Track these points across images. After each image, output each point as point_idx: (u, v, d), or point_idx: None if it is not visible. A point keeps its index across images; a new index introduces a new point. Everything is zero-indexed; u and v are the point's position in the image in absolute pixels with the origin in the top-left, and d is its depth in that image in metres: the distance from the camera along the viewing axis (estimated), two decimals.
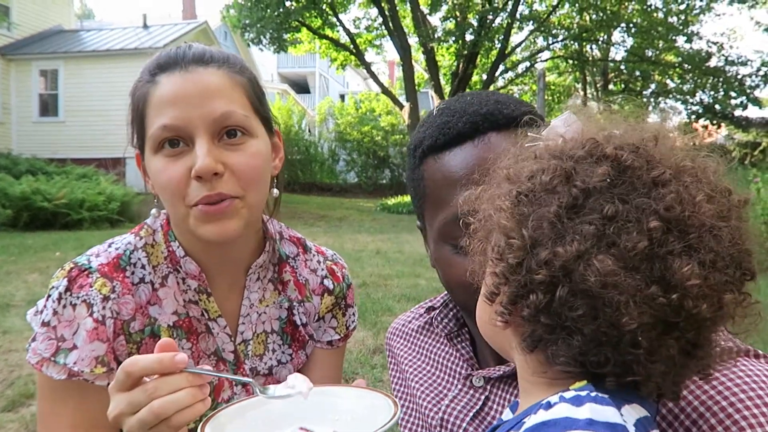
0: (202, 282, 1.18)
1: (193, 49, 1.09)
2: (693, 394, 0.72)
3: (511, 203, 0.63)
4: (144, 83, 1.08)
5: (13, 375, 4.01)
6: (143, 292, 1.14)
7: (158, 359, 0.83)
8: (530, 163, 0.66)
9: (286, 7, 18.58)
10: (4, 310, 5.59)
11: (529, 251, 0.60)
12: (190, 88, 1.04)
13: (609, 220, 0.57)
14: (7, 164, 15.14)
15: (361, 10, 21.53)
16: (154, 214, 1.19)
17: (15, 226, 11.99)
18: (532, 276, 0.59)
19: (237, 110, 1.06)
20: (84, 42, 20.10)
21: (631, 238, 0.56)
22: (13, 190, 12.30)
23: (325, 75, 39.10)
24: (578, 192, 0.59)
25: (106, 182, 14.79)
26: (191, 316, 1.18)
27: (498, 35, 19.15)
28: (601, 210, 0.58)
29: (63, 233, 11.65)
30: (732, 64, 20.68)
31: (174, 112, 1.03)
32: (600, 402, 0.56)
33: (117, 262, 1.13)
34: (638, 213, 0.57)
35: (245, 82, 1.11)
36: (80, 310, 1.07)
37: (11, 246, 9.49)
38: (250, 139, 1.08)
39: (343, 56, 21.50)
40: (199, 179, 1.02)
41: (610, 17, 19.26)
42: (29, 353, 1.07)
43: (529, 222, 0.61)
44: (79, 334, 1.06)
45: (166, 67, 1.07)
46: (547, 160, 0.65)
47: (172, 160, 1.04)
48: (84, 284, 1.08)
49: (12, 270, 7.50)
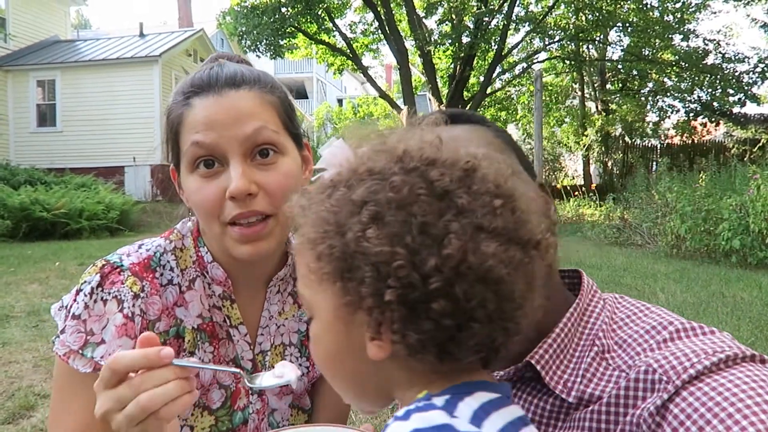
0: (227, 288, 1.20)
1: (225, 71, 1.12)
2: (699, 400, 0.71)
3: (375, 228, 0.60)
4: (179, 105, 1.12)
5: (13, 387, 3.99)
6: (170, 293, 1.16)
7: (144, 354, 0.83)
8: (363, 187, 0.63)
9: (281, 14, 18.61)
10: (3, 321, 5.58)
11: (412, 266, 0.59)
12: (223, 111, 1.07)
13: (467, 211, 0.61)
14: (6, 175, 15.14)
15: (357, 15, 21.57)
16: (189, 225, 1.23)
17: (14, 237, 11.98)
18: (427, 287, 0.59)
19: (268, 127, 1.10)
20: (81, 52, 20.14)
21: (495, 220, 0.61)
22: (11, 200, 12.29)
23: (322, 80, 39.17)
24: (440, 192, 0.61)
25: (105, 191, 14.81)
26: (215, 321, 1.20)
27: (494, 37, 19.18)
28: (458, 205, 0.61)
29: (62, 243, 11.65)
30: (729, 62, 20.70)
31: (207, 133, 1.07)
32: (425, 409, 0.59)
33: (147, 263, 1.16)
34: (480, 199, 0.62)
35: (276, 101, 1.14)
36: (111, 305, 1.09)
37: (11, 257, 9.48)
38: (282, 157, 1.12)
39: (340, 61, 21.54)
40: (233, 199, 1.06)
41: (606, 17, 19.29)
42: (56, 345, 1.09)
43: (403, 239, 0.60)
44: (108, 329, 1.08)
45: (199, 90, 1.10)
46: (380, 179, 0.63)
47: (207, 180, 1.08)
48: (116, 281, 1.11)
49: (11, 281, 7.49)
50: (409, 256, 0.59)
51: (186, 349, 1.15)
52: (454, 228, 0.59)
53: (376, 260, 0.60)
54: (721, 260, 8.78)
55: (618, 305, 0.96)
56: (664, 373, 0.76)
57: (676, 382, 0.74)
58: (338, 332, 0.67)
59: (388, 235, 0.60)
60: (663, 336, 0.84)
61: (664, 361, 0.78)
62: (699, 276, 7.61)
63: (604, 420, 0.80)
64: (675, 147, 22.49)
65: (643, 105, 24.05)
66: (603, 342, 0.89)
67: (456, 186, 0.62)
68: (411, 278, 0.59)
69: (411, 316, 0.60)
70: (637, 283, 7.22)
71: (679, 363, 0.76)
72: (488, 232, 0.60)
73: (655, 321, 0.87)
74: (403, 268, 0.59)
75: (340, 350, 0.68)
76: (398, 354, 0.63)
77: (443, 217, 0.60)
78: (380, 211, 0.61)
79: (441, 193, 0.61)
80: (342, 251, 0.62)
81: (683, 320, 0.87)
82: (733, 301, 6.15)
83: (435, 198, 0.61)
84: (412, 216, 0.60)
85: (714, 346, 0.78)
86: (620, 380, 0.81)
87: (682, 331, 0.84)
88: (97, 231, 13.11)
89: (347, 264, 0.62)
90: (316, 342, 0.71)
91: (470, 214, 0.61)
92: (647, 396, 0.77)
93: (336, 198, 0.65)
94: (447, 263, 0.58)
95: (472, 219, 0.60)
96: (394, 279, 0.59)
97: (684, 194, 10.00)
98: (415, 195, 0.61)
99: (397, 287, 0.59)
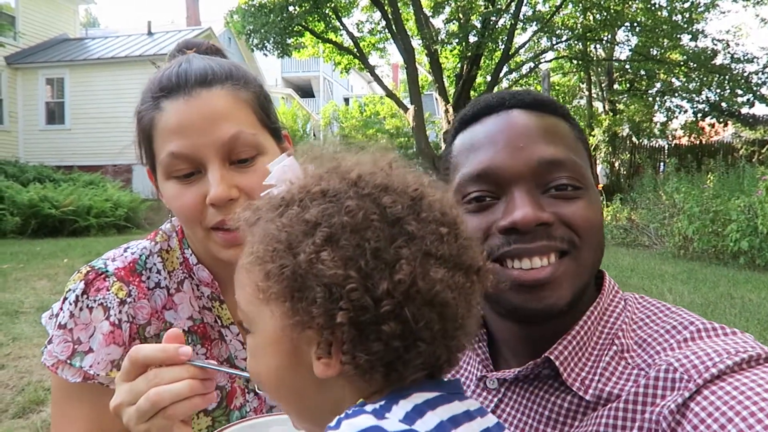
0: (214, 289, 1.18)
1: (194, 69, 1.06)
2: (721, 399, 0.71)
3: (329, 250, 0.61)
4: (149, 109, 1.06)
5: (23, 381, 4.02)
6: (159, 296, 1.14)
7: (162, 348, 0.83)
8: (317, 208, 0.64)
9: (289, 12, 18.61)
10: (13, 317, 5.62)
11: (365, 290, 0.60)
12: (195, 114, 1.02)
13: (417, 237, 0.63)
14: (15, 172, 15.23)
15: (364, 14, 21.54)
16: (167, 228, 1.20)
17: (23, 234, 12.06)
18: (378, 310, 0.60)
19: (245, 130, 1.05)
20: (89, 50, 20.22)
21: (442, 247, 0.64)
22: (20, 197, 12.37)
23: (329, 79, 39.17)
24: (392, 219, 0.63)
25: (113, 189, 14.88)
26: (205, 322, 1.18)
27: (501, 37, 19.11)
28: (408, 232, 0.63)
29: (71, 240, 11.71)
30: (738, 62, 20.54)
31: (182, 141, 1.02)
32: (354, 414, 0.60)
33: (133, 266, 1.13)
34: (428, 226, 0.64)
35: (250, 97, 1.09)
36: (97, 313, 1.07)
37: (20, 253, 9.54)
38: (261, 156, 1.08)
39: (347, 60, 21.52)
40: (214, 206, 1.03)
41: (614, 17, 19.19)
42: (45, 356, 1.07)
43: (357, 262, 0.61)
44: (95, 338, 1.06)
45: (168, 91, 1.04)
46: (335, 202, 0.64)
47: (185, 186, 1.05)
48: (101, 287, 1.08)
49: (21, 277, 7.54)
50: (361, 280, 0.60)
51: None
52: (404, 254, 0.61)
53: (329, 282, 0.61)
54: (729, 261, 8.73)
55: (638, 305, 0.95)
56: (685, 372, 0.76)
57: (697, 380, 0.74)
58: (282, 350, 0.67)
59: (342, 258, 0.61)
60: (684, 336, 0.84)
61: (685, 360, 0.78)
62: (707, 277, 7.57)
63: (621, 417, 0.80)
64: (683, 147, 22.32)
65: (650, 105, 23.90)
66: (622, 341, 0.88)
67: (406, 213, 0.64)
68: (363, 301, 0.60)
69: (361, 337, 0.61)
70: (644, 284, 7.19)
71: (700, 362, 0.76)
72: (436, 258, 0.63)
73: (675, 321, 0.87)
74: (355, 291, 0.60)
75: (282, 366, 0.69)
76: (346, 373, 0.64)
77: (394, 242, 0.62)
78: (334, 233, 0.62)
79: (393, 220, 0.63)
80: (293, 271, 0.62)
81: (704, 321, 0.86)
82: (741, 302, 6.11)
83: (387, 224, 0.63)
84: (365, 241, 0.61)
85: (736, 346, 0.78)
86: (639, 378, 0.81)
87: (703, 331, 0.84)
88: (104, 228, 13.17)
89: (298, 284, 0.62)
90: (255, 357, 0.72)
91: (419, 240, 0.63)
92: (667, 394, 0.77)
93: (288, 216, 0.65)
94: (398, 287, 0.60)
95: (421, 246, 0.63)
96: (346, 301, 0.60)
97: (692, 195, 9.94)
98: (368, 220, 0.62)
99: (349, 309, 0.60)
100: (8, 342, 4.84)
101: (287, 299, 0.63)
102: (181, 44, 1.20)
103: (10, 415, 3.52)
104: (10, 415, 3.53)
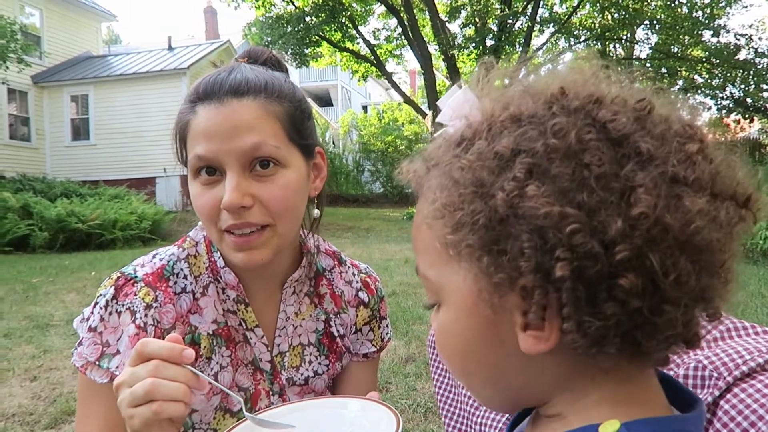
0: (240, 292, 1.21)
1: (231, 79, 1.10)
2: (752, 397, 0.70)
3: (536, 184, 0.48)
4: (186, 112, 1.13)
5: (54, 393, 4.09)
6: (184, 301, 1.17)
7: (170, 346, 0.88)
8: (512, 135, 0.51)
9: (306, 23, 18.81)
10: (44, 329, 5.73)
11: (590, 231, 0.46)
12: (222, 122, 1.06)
13: (656, 158, 0.48)
14: (43, 188, 15.61)
15: (381, 21, 21.71)
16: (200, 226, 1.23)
17: (52, 248, 12.33)
18: (611, 258, 0.46)
19: (268, 142, 1.07)
20: (112, 66, 20.65)
21: (693, 169, 0.48)
22: (48, 213, 12.66)
23: (347, 87, 39.39)
24: (617, 137, 0.49)
25: (138, 202, 15.13)
26: (230, 325, 1.21)
27: (519, 39, 19.06)
28: (642, 152, 0.48)
29: (97, 253, 11.93)
30: (762, 56, 20.13)
31: (207, 145, 1.07)
32: None
33: (161, 272, 1.17)
34: (668, 144, 0.49)
35: (280, 111, 1.11)
36: (125, 317, 1.11)
37: (49, 267, 9.75)
38: (282, 169, 1.10)
39: (364, 68, 21.63)
40: (227, 210, 1.07)
41: (633, 15, 19.00)
42: (74, 357, 1.12)
43: (575, 196, 0.47)
44: (122, 340, 1.10)
45: (204, 96, 1.10)
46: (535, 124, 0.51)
47: (206, 187, 1.09)
48: (129, 293, 1.13)
49: (51, 290, 7.70)
50: (585, 218, 0.46)
51: (203, 355, 1.16)
52: (641, 180, 0.47)
53: (539, 225, 0.47)
54: (759, 260, 8.54)
55: None
56: (714, 369, 0.75)
57: (727, 378, 0.73)
58: (479, 320, 0.54)
59: (554, 192, 0.47)
60: (713, 335, 0.83)
61: (714, 358, 0.77)
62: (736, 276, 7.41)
63: None
64: None
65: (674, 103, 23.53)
66: None
67: (634, 128, 0.49)
68: (589, 246, 0.46)
69: (588, 296, 0.47)
70: None
71: (730, 360, 0.75)
72: (688, 184, 0.48)
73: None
74: (578, 234, 0.46)
75: (479, 341, 0.55)
76: (564, 347, 0.50)
77: (624, 166, 0.47)
78: (540, 162, 0.48)
79: (618, 138, 0.49)
80: (489, 217, 0.49)
81: (734, 319, 0.85)
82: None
83: (611, 143, 0.49)
84: (584, 167, 0.47)
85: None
86: None
87: (733, 330, 0.83)
88: (130, 241, 13.40)
89: (497, 233, 0.49)
90: (444, 332, 0.58)
91: (660, 162, 0.48)
92: (697, 392, 0.76)
93: (474, 152, 0.52)
94: (638, 226, 0.46)
95: (665, 169, 0.48)
96: (565, 249, 0.46)
97: None
98: (584, 140, 0.48)
99: (570, 259, 0.46)
100: (39, 354, 4.94)
101: (484, 254, 0.50)
102: (244, 53, 1.26)
103: (43, 426, 3.59)
104: (42, 426, 3.60)
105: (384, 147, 26.24)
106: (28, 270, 9.50)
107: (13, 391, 4.14)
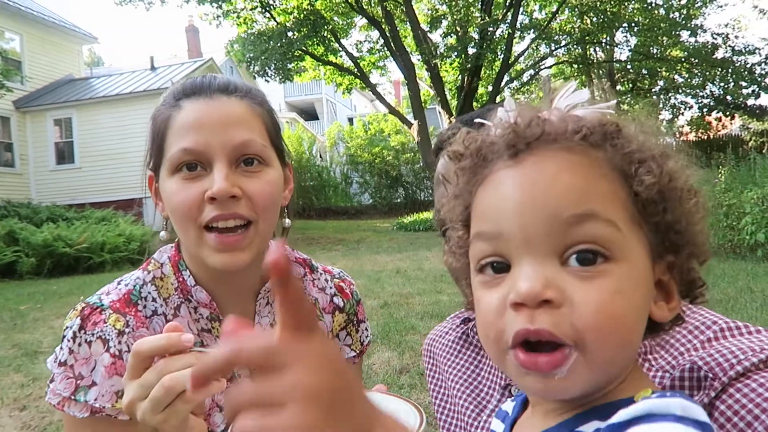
0: (213, 310, 1.18)
1: (218, 80, 1.14)
2: (747, 396, 0.70)
3: None
4: (167, 107, 1.12)
5: (44, 421, 4.02)
6: (158, 324, 1.14)
7: (166, 337, 0.84)
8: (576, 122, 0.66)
9: (288, 38, 18.87)
10: (32, 357, 5.64)
11: None
12: (213, 114, 1.07)
13: None
14: (28, 213, 15.43)
15: (363, 34, 21.82)
16: (163, 237, 1.21)
17: (39, 274, 12.16)
18: None
19: (256, 139, 1.09)
20: (95, 89, 20.57)
21: None
22: (35, 238, 12.50)
23: (332, 100, 39.50)
24: None
25: (125, 223, 15.01)
26: (206, 345, 1.18)
27: (500, 46, 19.22)
28: None
29: (86, 277, 11.79)
30: (740, 54, 20.50)
31: (195, 137, 1.06)
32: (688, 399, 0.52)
33: (128, 297, 1.14)
34: None
35: (265, 114, 1.15)
36: (96, 346, 1.07)
37: (36, 293, 9.62)
38: (266, 167, 1.12)
39: (348, 80, 21.73)
40: (213, 201, 1.04)
41: (611, 18, 19.26)
42: (48, 395, 1.07)
43: None
44: (97, 371, 1.06)
45: (191, 93, 1.11)
46: None
47: (188, 182, 1.07)
48: (98, 321, 1.09)
49: (39, 317, 7.58)
50: None
51: None
52: None
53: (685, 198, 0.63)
54: (747, 255, 8.61)
55: None
56: (710, 370, 0.75)
57: (722, 379, 0.73)
58: (646, 293, 0.57)
59: None
60: (707, 335, 0.82)
61: (709, 359, 0.77)
62: (725, 272, 7.46)
63: None
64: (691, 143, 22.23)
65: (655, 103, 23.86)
66: (644, 343, 0.87)
67: None
68: None
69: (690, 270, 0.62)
70: None
71: (725, 360, 0.75)
72: None
73: (698, 321, 0.86)
74: None
75: (644, 312, 0.58)
76: None
77: None
78: None
79: None
80: None
81: (727, 319, 0.85)
82: (762, 295, 6.01)
83: None
84: None
85: (761, 344, 0.77)
86: (664, 380, 0.80)
87: (726, 330, 0.83)
88: (119, 263, 13.26)
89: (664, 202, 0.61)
90: (619, 293, 0.55)
91: None
92: (693, 394, 0.76)
93: None
94: None
95: None
96: None
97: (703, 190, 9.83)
98: None
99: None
100: (29, 383, 4.85)
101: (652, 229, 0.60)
102: None
103: None
104: None
105: (371, 158, 26.29)
106: (16, 297, 9.35)
107: (2, 422, 4.06)
